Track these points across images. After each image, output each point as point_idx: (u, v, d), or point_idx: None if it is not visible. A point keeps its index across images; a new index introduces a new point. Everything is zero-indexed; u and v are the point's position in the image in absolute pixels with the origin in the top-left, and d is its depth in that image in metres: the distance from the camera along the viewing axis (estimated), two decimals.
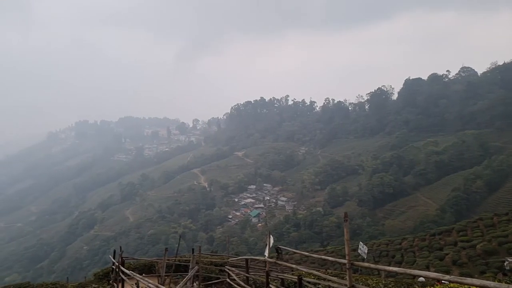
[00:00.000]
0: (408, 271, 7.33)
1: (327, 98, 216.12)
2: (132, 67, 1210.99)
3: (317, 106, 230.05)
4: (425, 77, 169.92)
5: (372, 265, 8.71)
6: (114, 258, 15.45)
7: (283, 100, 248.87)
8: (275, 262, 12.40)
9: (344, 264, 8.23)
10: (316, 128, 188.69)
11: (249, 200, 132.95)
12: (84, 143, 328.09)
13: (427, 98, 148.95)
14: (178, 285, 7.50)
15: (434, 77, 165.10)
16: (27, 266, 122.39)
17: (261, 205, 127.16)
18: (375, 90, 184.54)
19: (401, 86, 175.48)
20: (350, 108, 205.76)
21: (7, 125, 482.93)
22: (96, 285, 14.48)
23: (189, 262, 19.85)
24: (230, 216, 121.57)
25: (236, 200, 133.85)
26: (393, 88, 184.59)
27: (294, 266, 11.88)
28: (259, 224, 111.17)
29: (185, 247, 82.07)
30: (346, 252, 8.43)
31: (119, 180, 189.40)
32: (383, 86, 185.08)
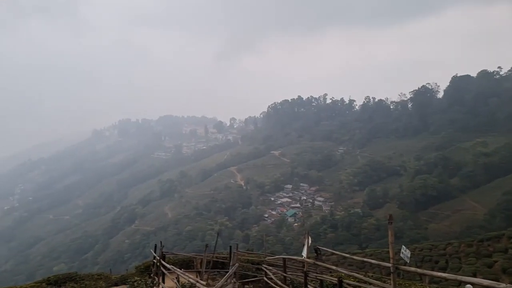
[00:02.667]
0: (459, 277, 6.83)
1: (367, 96, 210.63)
2: (173, 66, 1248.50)
3: (356, 104, 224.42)
4: (474, 74, 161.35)
5: (419, 270, 8.26)
6: (155, 253, 15.82)
7: (321, 99, 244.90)
8: (314, 263, 12.15)
9: (386, 267, 7.84)
10: (355, 127, 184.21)
11: (285, 199, 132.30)
12: (126, 140, 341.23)
13: (476, 96, 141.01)
14: (220, 282, 7.47)
15: (484, 74, 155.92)
16: (73, 257, 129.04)
17: (298, 205, 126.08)
18: (419, 88, 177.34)
19: (448, 84, 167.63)
20: (391, 107, 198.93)
21: (58, 123, 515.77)
22: (138, 278, 14.88)
23: (226, 259, 19.99)
24: (266, 215, 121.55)
25: (272, 199, 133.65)
26: (438, 86, 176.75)
27: (334, 267, 11.57)
28: (295, 224, 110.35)
29: (221, 244, 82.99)
30: (391, 255, 8.06)
31: (158, 177, 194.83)
32: (428, 83, 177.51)
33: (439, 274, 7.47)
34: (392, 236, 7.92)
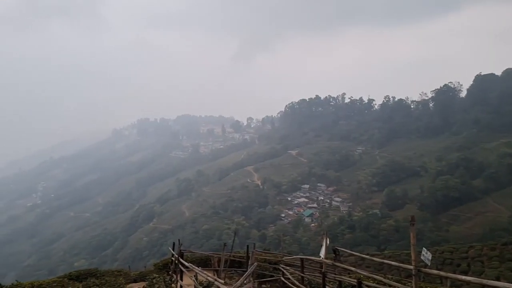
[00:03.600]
0: (484, 281, 6.57)
1: (386, 95, 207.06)
2: (190, 66, 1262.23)
3: (375, 104, 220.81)
4: (498, 73, 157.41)
5: (442, 273, 8.00)
6: (173, 251, 15.95)
7: (339, 98, 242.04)
8: (332, 264, 11.98)
9: (405, 270, 7.66)
10: (374, 127, 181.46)
11: (302, 199, 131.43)
12: (145, 140, 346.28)
13: (500, 95, 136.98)
14: (239, 281, 7.44)
15: (509, 73, 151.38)
16: (93, 253, 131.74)
17: (315, 205, 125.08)
18: (441, 87, 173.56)
19: (471, 83, 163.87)
20: (412, 106, 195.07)
21: (78, 122, 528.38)
22: (157, 275, 15.05)
23: (243, 258, 19.98)
24: (283, 215, 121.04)
25: (289, 199, 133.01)
26: (461, 85, 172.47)
27: (353, 269, 11.36)
28: (312, 224, 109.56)
29: (237, 243, 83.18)
30: (412, 257, 7.89)
31: (176, 175, 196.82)
32: (450, 82, 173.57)
33: (463, 277, 7.23)
34: (414, 238, 7.76)
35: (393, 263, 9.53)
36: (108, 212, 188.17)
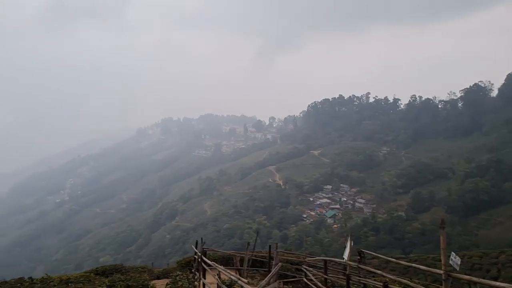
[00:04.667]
0: None
1: (413, 95, 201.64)
2: (212, 66, 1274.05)
3: (401, 103, 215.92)
4: None
5: (474, 278, 7.68)
6: (196, 249, 16.05)
7: (364, 98, 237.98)
8: (357, 266, 11.74)
9: (431, 274, 7.42)
10: (399, 127, 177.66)
11: (324, 200, 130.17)
12: (169, 138, 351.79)
13: None
14: (264, 280, 7.39)
15: None
16: (118, 249, 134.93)
17: (337, 206, 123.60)
18: (470, 86, 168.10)
19: (503, 82, 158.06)
20: (440, 106, 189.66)
21: (105, 121, 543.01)
22: (180, 272, 15.20)
23: (264, 258, 19.92)
24: (304, 215, 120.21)
25: (311, 199, 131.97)
26: (492, 84, 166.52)
27: (378, 272, 11.09)
28: (335, 225, 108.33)
29: (259, 243, 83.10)
30: (442, 262, 7.69)
31: (198, 174, 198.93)
32: (480, 81, 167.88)
33: (496, 283, 6.89)
34: (444, 242, 7.54)
35: (421, 267, 9.24)
36: (132, 209, 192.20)
